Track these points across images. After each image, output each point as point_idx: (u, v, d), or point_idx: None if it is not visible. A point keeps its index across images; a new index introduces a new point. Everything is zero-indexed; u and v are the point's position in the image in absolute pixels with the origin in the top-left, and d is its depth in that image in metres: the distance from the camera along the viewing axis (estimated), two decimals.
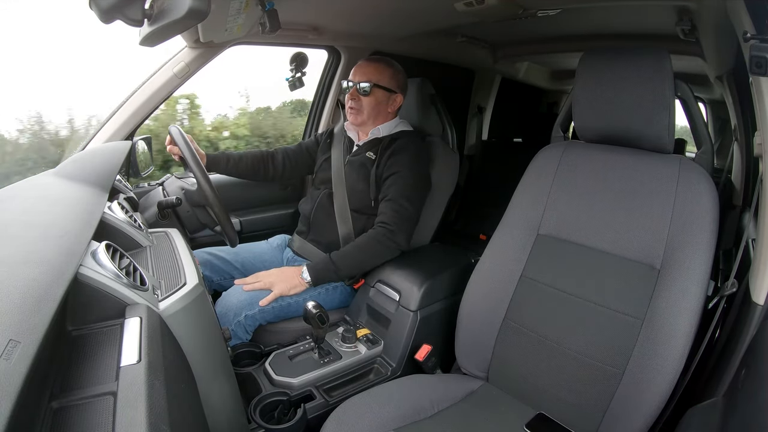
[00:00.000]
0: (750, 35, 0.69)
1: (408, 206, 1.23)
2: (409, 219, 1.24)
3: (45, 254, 0.53)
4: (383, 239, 1.19)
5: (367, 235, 1.21)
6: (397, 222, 1.20)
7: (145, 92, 1.30)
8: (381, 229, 1.20)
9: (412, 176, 1.26)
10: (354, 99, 1.31)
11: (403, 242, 1.21)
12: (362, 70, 1.31)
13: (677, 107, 0.90)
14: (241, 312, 1.11)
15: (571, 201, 0.96)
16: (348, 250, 1.20)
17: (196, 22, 0.69)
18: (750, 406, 0.57)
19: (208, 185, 1.03)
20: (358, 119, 1.33)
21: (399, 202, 1.22)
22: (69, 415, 0.43)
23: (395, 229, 1.20)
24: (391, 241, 1.19)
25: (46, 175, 0.96)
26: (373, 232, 1.21)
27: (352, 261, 1.18)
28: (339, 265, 1.16)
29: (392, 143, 1.30)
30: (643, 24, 1.50)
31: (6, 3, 1.82)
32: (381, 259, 1.21)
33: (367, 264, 1.21)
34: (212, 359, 0.71)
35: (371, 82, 1.29)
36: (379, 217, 1.23)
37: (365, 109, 1.31)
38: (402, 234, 1.21)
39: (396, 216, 1.21)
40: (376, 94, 1.30)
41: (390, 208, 1.22)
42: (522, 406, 0.92)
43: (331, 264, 1.16)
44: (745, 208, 1.31)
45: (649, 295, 0.81)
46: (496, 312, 0.98)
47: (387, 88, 1.31)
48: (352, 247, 1.20)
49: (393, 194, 1.23)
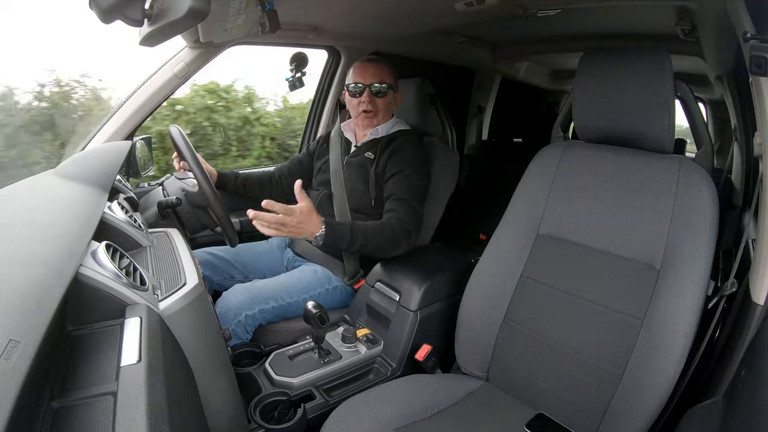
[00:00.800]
0: (750, 35, 0.69)
1: (418, 207, 1.24)
2: (421, 220, 1.24)
3: (45, 254, 0.53)
4: (401, 236, 1.17)
5: (388, 224, 1.17)
6: (413, 222, 1.20)
7: (145, 92, 1.30)
8: (401, 226, 1.17)
9: (416, 175, 1.26)
10: (370, 101, 1.30)
11: (414, 240, 1.21)
12: (372, 72, 1.30)
13: (677, 107, 0.90)
14: (242, 312, 1.11)
15: (571, 201, 0.96)
16: (369, 226, 1.14)
17: (196, 22, 0.69)
18: (750, 406, 0.57)
19: (208, 186, 1.03)
20: (374, 122, 1.33)
21: (410, 202, 1.22)
22: (69, 415, 0.43)
23: (411, 229, 1.19)
24: (406, 241, 1.18)
25: (46, 175, 0.96)
26: (395, 224, 1.17)
27: (366, 240, 1.12)
28: (355, 237, 1.10)
29: (391, 143, 1.30)
30: (643, 24, 1.50)
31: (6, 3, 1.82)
32: (390, 251, 1.18)
33: (377, 250, 1.16)
34: (212, 359, 0.71)
35: (385, 83, 1.29)
36: (393, 214, 1.20)
37: (381, 110, 1.32)
38: (415, 234, 1.21)
39: (412, 217, 1.20)
40: (389, 95, 1.32)
41: (403, 207, 1.21)
42: (522, 406, 0.92)
43: (349, 234, 1.09)
44: (745, 208, 1.31)
45: (649, 295, 0.81)
46: (496, 312, 0.98)
47: (393, 86, 1.34)
48: (372, 226, 1.15)
49: (403, 194, 1.23)
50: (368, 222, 1.17)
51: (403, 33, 1.66)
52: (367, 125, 1.35)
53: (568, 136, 1.11)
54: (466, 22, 1.46)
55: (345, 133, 1.41)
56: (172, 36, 0.83)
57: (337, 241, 1.09)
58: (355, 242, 1.10)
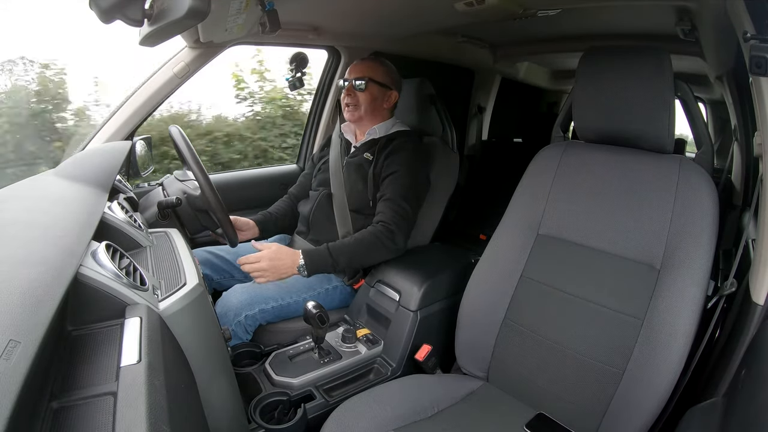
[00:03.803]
0: (750, 35, 0.69)
1: (406, 207, 1.22)
2: (408, 220, 1.23)
3: (45, 254, 0.53)
4: (384, 238, 1.18)
5: (368, 231, 1.19)
6: (397, 222, 1.20)
7: (145, 92, 1.30)
8: (382, 228, 1.19)
9: (409, 176, 1.25)
10: (350, 95, 1.32)
11: (401, 243, 1.21)
12: (356, 68, 1.33)
13: (677, 107, 0.90)
14: (242, 312, 1.11)
15: (571, 201, 0.96)
16: (347, 242, 1.17)
17: (196, 22, 0.69)
18: (750, 406, 0.57)
19: (209, 187, 1.03)
20: (355, 115, 1.34)
21: (398, 202, 1.22)
22: (69, 415, 0.43)
23: (395, 229, 1.19)
24: (391, 242, 1.18)
25: (46, 175, 0.96)
26: (374, 229, 1.19)
27: (350, 255, 1.15)
28: (336, 257, 1.14)
29: (389, 143, 1.30)
30: (643, 24, 1.50)
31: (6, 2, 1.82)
32: (379, 257, 1.20)
33: (365, 260, 1.20)
34: (212, 359, 0.71)
35: (366, 77, 1.30)
36: (378, 216, 1.22)
37: (362, 104, 1.32)
38: (401, 235, 1.20)
39: (396, 216, 1.20)
40: (371, 90, 1.32)
41: (389, 207, 1.21)
42: (522, 406, 0.92)
43: (329, 257, 1.13)
44: (745, 208, 1.31)
45: (649, 295, 0.81)
46: (496, 312, 0.98)
47: (381, 83, 1.33)
48: (351, 241, 1.18)
49: (391, 194, 1.23)
50: (345, 239, 1.20)
51: (403, 33, 1.66)
52: (351, 119, 1.36)
53: (568, 136, 1.11)
54: (466, 22, 1.46)
55: (345, 134, 1.42)
56: (172, 36, 0.83)
57: (321, 266, 1.14)
58: (338, 262, 1.14)
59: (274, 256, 1.10)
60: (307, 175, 1.51)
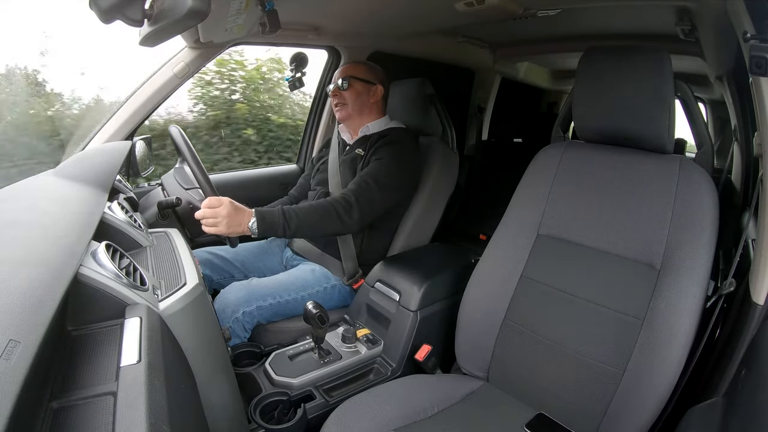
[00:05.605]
0: (750, 35, 0.69)
1: (374, 187, 1.18)
2: (370, 200, 1.17)
3: (45, 254, 0.53)
4: (339, 209, 1.12)
5: (326, 199, 1.15)
6: (359, 198, 1.15)
7: (145, 92, 1.30)
8: (341, 198, 1.14)
9: (390, 165, 1.22)
10: (336, 96, 1.36)
11: (356, 220, 1.14)
12: (339, 72, 1.39)
13: (677, 107, 0.90)
14: (239, 309, 1.11)
15: (571, 201, 0.96)
16: (303, 206, 1.12)
17: (196, 22, 0.69)
18: (750, 406, 0.57)
19: (209, 187, 1.03)
20: (343, 113, 1.37)
21: (367, 180, 1.18)
22: (69, 415, 0.43)
23: (354, 203, 1.13)
24: (346, 214, 1.12)
25: (46, 175, 0.96)
26: (333, 198, 1.15)
27: (301, 220, 1.09)
28: (288, 220, 1.07)
29: (380, 139, 1.30)
30: (643, 24, 1.50)
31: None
32: (330, 228, 1.13)
33: (316, 228, 1.12)
34: (212, 359, 0.71)
35: (348, 76, 1.34)
36: (345, 190, 1.19)
37: (348, 102, 1.35)
38: (358, 212, 1.14)
39: (359, 192, 1.16)
40: (355, 86, 1.35)
41: (356, 183, 1.19)
42: (522, 406, 0.92)
43: (281, 217, 1.07)
44: (745, 208, 1.31)
45: (649, 295, 0.81)
46: (496, 312, 0.98)
47: (364, 79, 1.35)
48: (307, 206, 1.12)
49: (365, 174, 1.21)
50: (305, 203, 1.15)
51: (403, 33, 1.66)
52: (341, 118, 1.39)
53: (568, 136, 1.11)
54: (466, 22, 1.46)
55: (342, 134, 1.43)
56: (172, 36, 0.83)
57: (272, 226, 1.06)
58: (290, 224, 1.07)
59: (232, 209, 1.02)
60: (307, 176, 1.52)
